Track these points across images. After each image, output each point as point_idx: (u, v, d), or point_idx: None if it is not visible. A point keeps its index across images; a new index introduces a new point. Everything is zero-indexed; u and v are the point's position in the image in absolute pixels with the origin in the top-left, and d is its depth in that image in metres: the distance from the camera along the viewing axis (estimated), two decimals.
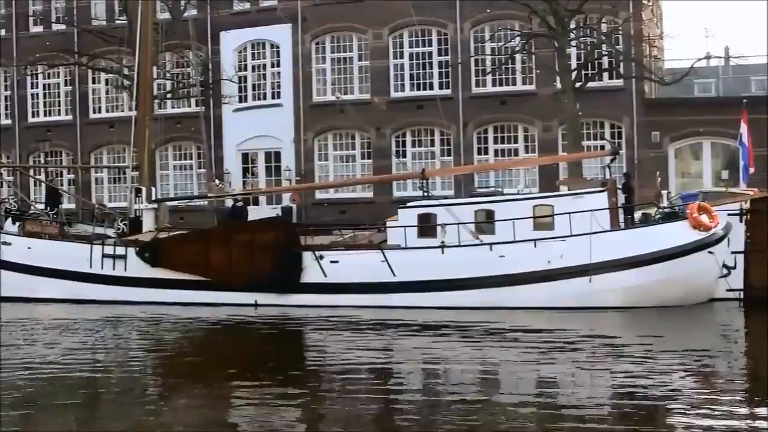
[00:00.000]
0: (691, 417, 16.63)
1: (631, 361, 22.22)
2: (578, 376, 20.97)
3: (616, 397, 18.86)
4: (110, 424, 18.20)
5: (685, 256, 28.38)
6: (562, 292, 28.66)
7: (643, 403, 17.84)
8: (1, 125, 53.60)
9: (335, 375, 21.86)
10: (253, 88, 47.43)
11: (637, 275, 28.32)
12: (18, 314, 32.31)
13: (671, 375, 20.50)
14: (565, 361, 22.82)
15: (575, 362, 22.58)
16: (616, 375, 20.69)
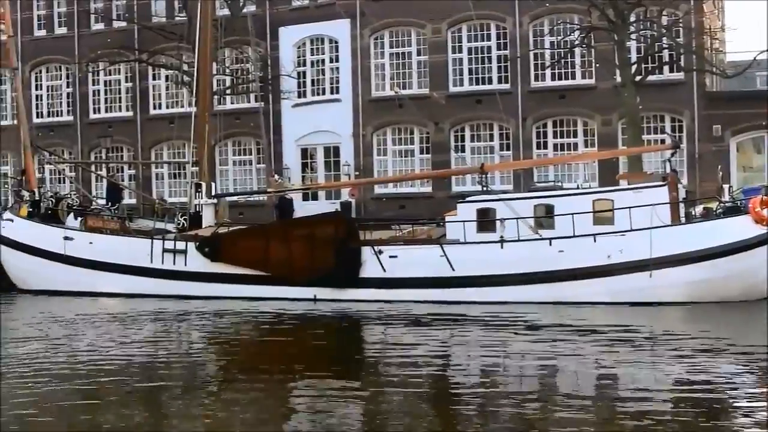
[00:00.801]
0: (753, 412, 16.59)
1: (692, 356, 22.14)
2: (639, 371, 20.89)
3: (678, 392, 18.80)
4: (173, 414, 18.43)
5: (746, 251, 28.16)
6: (622, 287, 28.56)
7: (703, 397, 17.79)
8: (64, 122, 54.17)
9: (393, 368, 21.91)
10: (312, 83, 47.57)
11: (698, 270, 28.12)
12: (80, 308, 32.71)
13: (733, 371, 20.41)
14: (625, 355, 22.78)
15: (635, 357, 22.55)
16: (676, 371, 20.63)
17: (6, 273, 38.11)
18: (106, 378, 21.68)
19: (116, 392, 20.31)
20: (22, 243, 37.13)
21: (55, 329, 29.32)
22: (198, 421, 17.58)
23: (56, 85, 55.07)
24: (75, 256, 35.74)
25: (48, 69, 55.23)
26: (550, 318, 27.29)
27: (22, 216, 37.78)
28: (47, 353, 25.27)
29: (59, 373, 22.53)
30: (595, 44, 39.78)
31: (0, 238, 38.04)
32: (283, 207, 39.43)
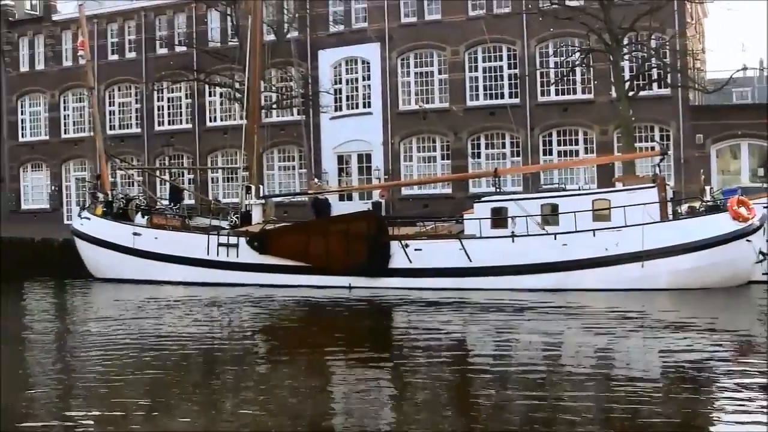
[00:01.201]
0: (729, 382, 16.52)
1: (678, 335, 22.05)
2: (632, 350, 20.83)
3: (666, 367, 18.72)
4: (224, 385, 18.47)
5: (726, 243, 28.22)
6: (617, 275, 28.55)
7: (689, 372, 17.72)
8: (133, 133, 54.33)
9: (419, 347, 21.89)
10: (347, 98, 47.46)
11: (684, 261, 28.19)
12: (147, 294, 32.89)
13: (714, 347, 20.33)
14: (621, 336, 22.69)
15: (629, 338, 22.46)
16: (666, 348, 20.55)
17: (84, 263, 38.35)
18: (167, 352, 21.81)
19: (176, 365, 20.43)
20: (97, 238, 37.40)
21: (125, 311, 29.61)
22: (248, 392, 17.61)
23: (126, 101, 55.16)
24: (142, 249, 35.99)
25: (119, 88, 55.31)
26: (556, 303, 27.28)
27: (97, 215, 38.01)
28: (119, 330, 25.53)
29: (129, 346, 22.73)
30: (594, 64, 39.55)
31: (79, 234, 38.33)
32: (318, 207, 39.31)
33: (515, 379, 17.78)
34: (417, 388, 17.40)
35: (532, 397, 16.19)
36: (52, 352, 23.47)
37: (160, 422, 15.31)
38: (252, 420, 15.53)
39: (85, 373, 19.70)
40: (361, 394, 16.98)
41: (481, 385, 17.60)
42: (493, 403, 16.07)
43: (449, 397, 16.77)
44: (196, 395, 17.55)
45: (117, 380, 18.51)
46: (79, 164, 56.32)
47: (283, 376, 18.78)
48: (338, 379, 18.75)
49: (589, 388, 16.66)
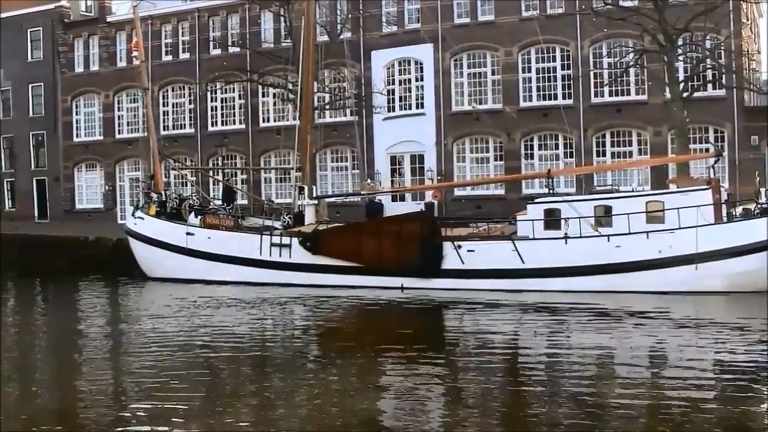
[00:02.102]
0: None
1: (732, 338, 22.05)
2: (686, 352, 20.83)
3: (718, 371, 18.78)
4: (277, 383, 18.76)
5: None
6: (671, 278, 28.47)
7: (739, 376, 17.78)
8: (186, 133, 54.94)
9: (471, 349, 22.04)
10: (399, 99, 47.65)
11: (738, 263, 28.00)
12: (200, 294, 33.24)
13: None
14: (674, 338, 22.72)
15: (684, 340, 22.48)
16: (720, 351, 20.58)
17: (137, 263, 38.85)
18: (219, 352, 22.15)
19: (229, 365, 20.76)
20: (151, 237, 37.84)
21: (177, 310, 29.96)
22: (300, 391, 17.87)
23: (180, 102, 55.78)
24: (195, 249, 36.36)
25: (173, 88, 55.97)
26: (609, 305, 27.29)
27: (151, 214, 38.46)
28: (171, 329, 25.89)
29: (181, 345, 23.09)
30: (648, 65, 39.48)
31: (133, 233, 38.83)
32: (370, 209, 39.57)
33: (566, 382, 17.88)
34: (469, 390, 17.56)
35: (582, 401, 16.31)
36: (106, 350, 23.88)
37: (212, 421, 15.59)
38: (304, 419, 15.78)
39: (138, 372, 20.08)
40: (412, 394, 17.13)
41: (532, 387, 17.74)
42: (544, 406, 16.22)
43: (501, 399, 16.91)
44: (249, 395, 17.83)
45: (170, 379, 18.84)
46: (133, 164, 57.01)
47: (335, 376, 18.97)
48: (390, 380, 18.90)
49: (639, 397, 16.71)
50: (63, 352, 23.75)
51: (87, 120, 60.03)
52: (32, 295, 38.27)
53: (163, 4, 56.71)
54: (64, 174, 60.44)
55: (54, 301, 36.58)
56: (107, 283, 38.09)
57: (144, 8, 52.76)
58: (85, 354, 23.28)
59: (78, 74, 59.75)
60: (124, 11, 57.35)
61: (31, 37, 62.13)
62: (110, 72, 58.02)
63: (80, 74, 59.65)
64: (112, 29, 58.33)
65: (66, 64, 60.06)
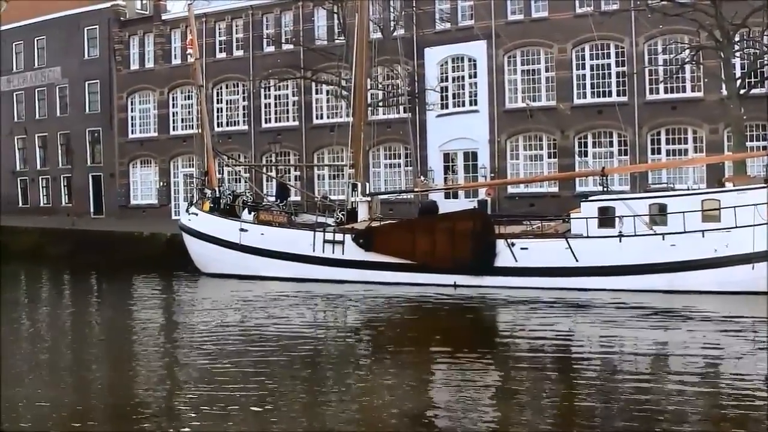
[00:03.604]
0: None
1: None
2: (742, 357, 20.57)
3: None
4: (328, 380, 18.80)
5: None
6: (727, 278, 28.11)
7: None
8: (240, 130, 55.21)
9: (524, 347, 21.95)
10: (453, 96, 47.52)
11: None
12: (253, 290, 33.41)
13: None
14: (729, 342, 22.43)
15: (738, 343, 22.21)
16: None
17: (191, 258, 39.11)
18: (271, 348, 22.24)
19: (280, 361, 20.82)
20: (204, 233, 38.12)
21: (230, 306, 30.20)
22: (352, 388, 17.89)
23: (234, 99, 56.03)
24: (249, 245, 36.56)
25: (227, 86, 56.24)
26: (663, 305, 27.03)
27: (205, 211, 38.77)
28: (224, 325, 26.08)
29: (233, 341, 23.26)
30: (704, 61, 38.94)
31: (187, 229, 39.11)
32: (424, 206, 39.28)
33: (620, 383, 17.74)
34: (520, 389, 17.51)
35: (635, 400, 16.17)
36: (160, 345, 24.10)
37: (264, 417, 15.67)
38: (356, 416, 15.81)
39: (191, 368, 20.24)
40: (464, 392, 17.14)
41: (584, 387, 17.61)
42: (596, 408, 16.09)
43: (552, 399, 16.81)
44: (301, 391, 17.91)
45: (221, 375, 18.97)
46: (187, 160, 57.37)
47: (387, 373, 19.03)
48: (442, 377, 18.93)
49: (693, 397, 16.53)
50: (116, 347, 23.99)
51: (142, 117, 60.56)
52: (88, 290, 38.64)
53: (217, 2, 57.08)
54: (119, 170, 61.01)
55: (109, 295, 36.96)
56: (161, 279, 38.43)
57: (199, 6, 53.14)
58: (138, 348, 23.49)
59: (133, 71, 60.27)
60: (179, 9, 57.77)
61: (88, 35, 62.81)
62: (165, 69, 58.47)
63: (135, 71, 60.17)
64: (167, 27, 58.75)
65: (121, 61, 60.60)
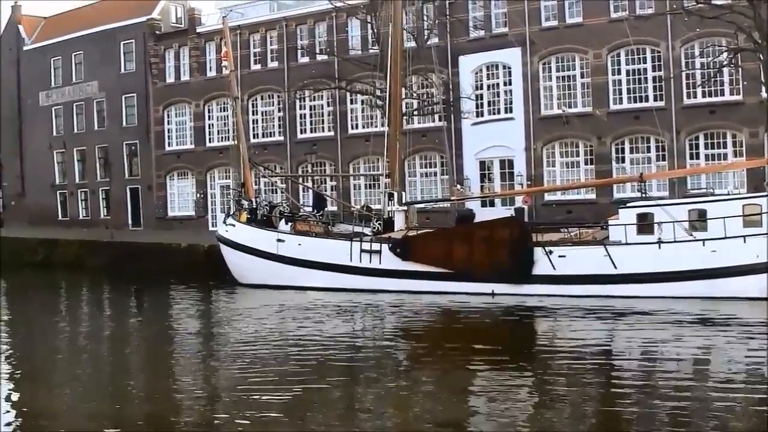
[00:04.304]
0: None
1: None
2: None
3: None
4: (366, 388, 18.68)
5: None
6: None
7: None
8: (276, 141, 55.24)
9: (562, 355, 21.71)
10: (488, 104, 47.29)
11: None
12: (290, 300, 33.41)
13: None
14: None
15: None
16: None
17: (229, 269, 39.11)
18: (309, 357, 22.16)
19: (318, 369, 20.72)
20: (242, 244, 38.18)
21: (268, 316, 30.25)
22: (389, 396, 17.78)
23: (269, 110, 56.12)
24: (286, 256, 36.58)
25: (262, 97, 56.32)
26: (704, 312, 26.64)
27: (242, 222, 38.87)
28: (262, 335, 26.16)
29: (271, 350, 23.26)
30: (742, 64, 38.50)
31: (224, 240, 39.15)
32: (461, 215, 39.05)
33: (660, 390, 17.47)
34: (558, 397, 17.37)
35: (676, 409, 15.86)
36: (198, 354, 24.12)
37: (301, 425, 15.59)
38: (393, 423, 15.69)
39: (229, 376, 20.22)
40: (501, 401, 17.04)
41: (624, 397, 17.35)
42: (636, 416, 15.84)
43: (590, 408, 16.66)
44: (339, 399, 17.84)
45: (260, 385, 18.90)
46: (224, 172, 57.52)
47: (425, 381, 18.96)
48: (479, 385, 18.84)
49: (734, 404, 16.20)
50: (155, 356, 24.00)
51: (178, 129, 60.80)
52: (126, 300, 38.81)
53: (251, 14, 57.26)
54: (156, 182, 61.28)
55: (147, 306, 37.15)
56: (199, 289, 38.50)
57: (233, 18, 53.25)
58: (177, 357, 23.51)
59: (169, 84, 60.53)
60: (213, 22, 58.02)
61: (124, 50, 63.25)
62: (200, 82, 58.64)
63: (171, 84, 60.42)
64: (202, 40, 58.95)
65: (157, 74, 60.89)
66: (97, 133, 65.30)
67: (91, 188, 66.38)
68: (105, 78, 64.25)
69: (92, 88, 65.65)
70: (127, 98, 63.12)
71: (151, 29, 61.42)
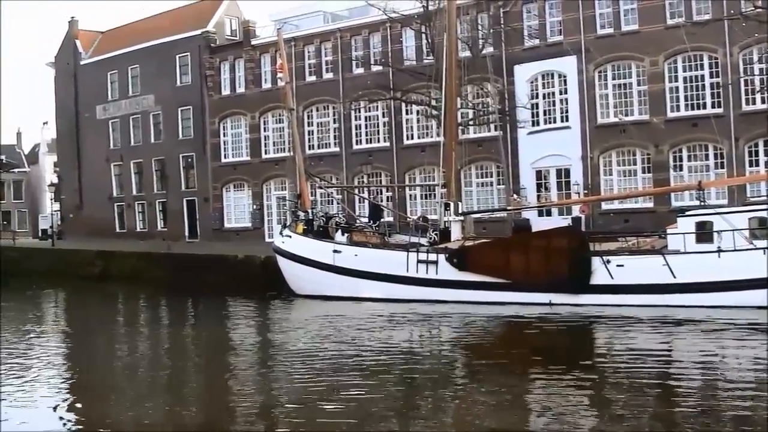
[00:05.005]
0: None
1: None
2: None
3: None
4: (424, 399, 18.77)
5: None
6: None
7: None
8: (331, 152, 55.61)
9: (621, 367, 21.62)
10: (544, 113, 47.29)
11: None
12: (347, 311, 33.54)
13: None
14: None
15: None
16: None
17: (286, 280, 39.35)
18: (367, 367, 22.29)
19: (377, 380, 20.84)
20: (298, 255, 38.35)
21: (325, 327, 30.36)
22: (447, 408, 17.87)
23: (325, 121, 56.54)
24: (343, 266, 36.66)
25: (318, 108, 56.78)
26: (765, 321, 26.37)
27: (298, 233, 39.00)
28: (320, 346, 26.26)
29: (329, 361, 23.38)
30: None
31: (281, 251, 39.40)
32: (518, 225, 39.02)
33: (721, 401, 17.39)
34: (617, 409, 17.20)
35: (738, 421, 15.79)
36: (255, 365, 24.34)
37: None
38: None
39: (287, 388, 20.41)
40: (560, 412, 16.95)
41: (685, 406, 17.27)
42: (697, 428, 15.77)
43: (650, 421, 16.51)
44: (395, 408, 17.97)
45: (318, 396, 19.06)
46: (280, 183, 58.03)
47: (483, 392, 18.97)
48: (538, 397, 18.79)
49: None
50: (213, 366, 24.29)
51: (234, 141, 61.42)
52: (184, 312, 39.23)
53: (305, 26, 57.69)
54: (213, 194, 61.94)
55: (204, 317, 37.46)
56: (256, 300, 38.69)
57: (287, 30, 53.70)
58: (234, 368, 23.74)
59: (225, 97, 61.18)
60: (268, 34, 58.60)
61: (180, 63, 64.09)
62: (256, 93, 59.20)
63: (227, 97, 61.07)
64: (257, 52, 59.55)
65: (213, 87, 61.57)
66: (154, 145, 66.19)
67: (148, 200, 67.24)
68: (161, 91, 65.09)
69: (148, 101, 66.55)
70: (183, 111, 63.92)
71: (207, 42, 62.20)
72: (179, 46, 63.92)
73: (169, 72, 64.49)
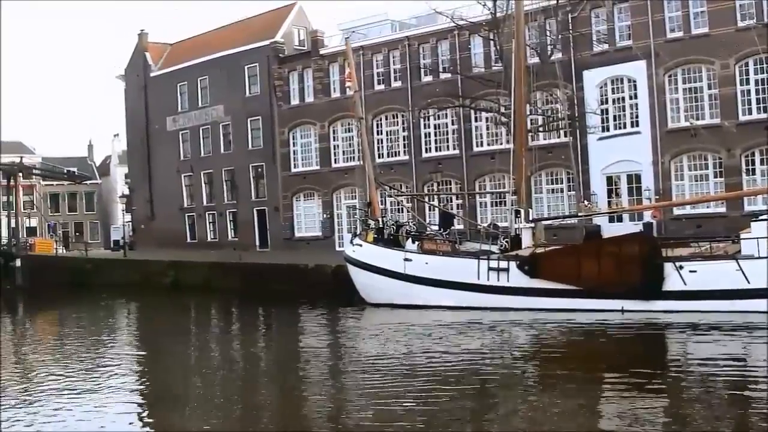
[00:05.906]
0: None
1: None
2: None
3: None
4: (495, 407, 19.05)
5: None
6: None
7: None
8: (401, 160, 56.08)
9: (695, 374, 21.65)
10: (614, 118, 47.28)
11: None
12: (418, 319, 33.76)
13: None
14: None
15: None
16: None
17: (357, 289, 39.74)
18: (439, 375, 22.60)
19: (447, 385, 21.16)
20: (369, 264, 38.65)
21: (396, 335, 30.63)
22: (518, 416, 18.11)
23: (394, 130, 56.98)
24: (413, 275, 36.87)
25: (386, 117, 57.30)
26: None
27: (368, 241, 39.31)
28: (391, 354, 26.55)
29: (400, 370, 23.71)
30: None
31: (351, 260, 39.80)
32: (589, 232, 39.06)
33: None
34: (693, 417, 17.23)
35: None
36: (326, 373, 24.74)
37: None
38: None
39: (358, 395, 20.79)
40: (633, 421, 16.98)
41: (761, 414, 17.22)
42: None
43: (726, 427, 16.53)
44: (467, 416, 18.25)
45: (389, 403, 19.41)
46: (349, 192, 58.56)
47: (556, 400, 19.11)
48: (609, 407, 18.84)
49: None
50: (285, 375, 24.72)
51: (304, 150, 62.12)
52: (255, 321, 39.83)
53: (373, 35, 58.21)
54: (283, 204, 62.69)
55: (277, 326, 38.01)
56: (327, 309, 39.09)
57: (355, 39, 54.24)
58: (306, 376, 24.16)
59: (293, 106, 61.92)
60: (336, 43, 59.21)
61: (249, 73, 64.99)
62: (324, 103, 59.85)
63: (296, 106, 61.81)
64: (325, 61, 60.21)
65: (282, 97, 62.36)
66: (224, 156, 67.15)
67: (219, 210, 68.20)
68: (230, 101, 66.05)
69: (218, 112, 67.55)
70: (252, 121, 64.81)
71: (275, 52, 63.02)
72: (248, 57, 64.83)
73: (238, 83, 65.43)
